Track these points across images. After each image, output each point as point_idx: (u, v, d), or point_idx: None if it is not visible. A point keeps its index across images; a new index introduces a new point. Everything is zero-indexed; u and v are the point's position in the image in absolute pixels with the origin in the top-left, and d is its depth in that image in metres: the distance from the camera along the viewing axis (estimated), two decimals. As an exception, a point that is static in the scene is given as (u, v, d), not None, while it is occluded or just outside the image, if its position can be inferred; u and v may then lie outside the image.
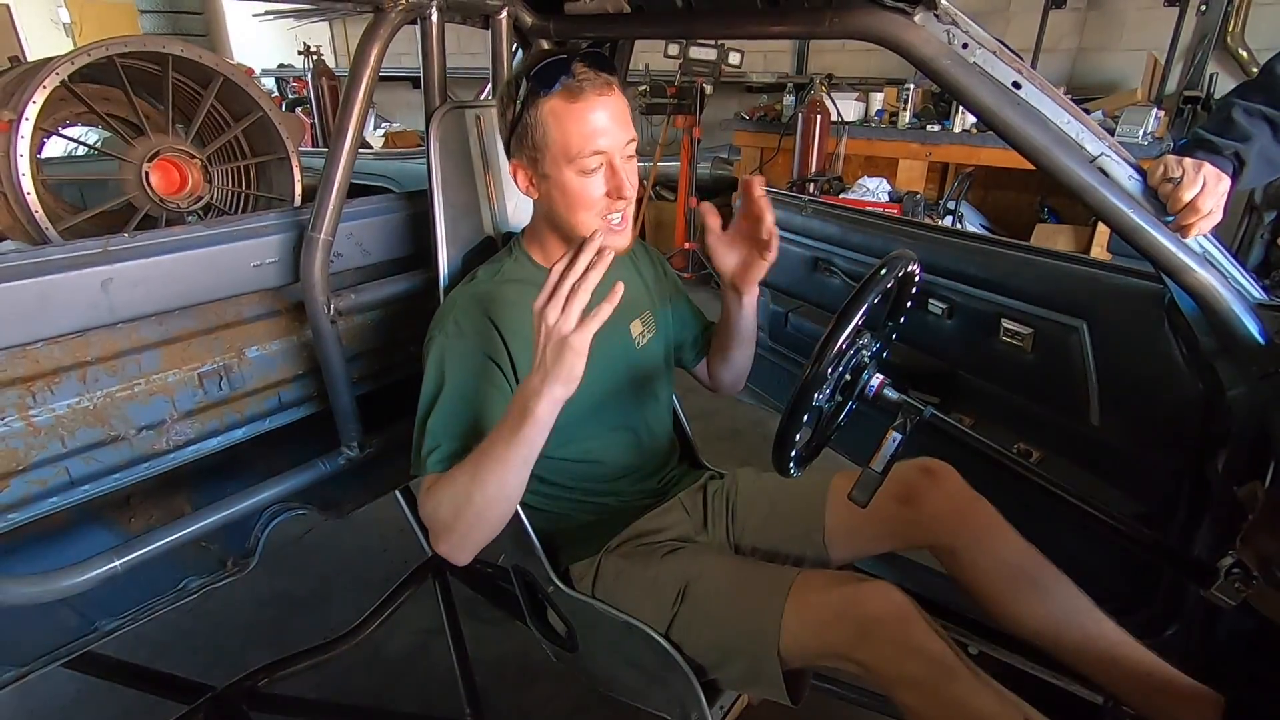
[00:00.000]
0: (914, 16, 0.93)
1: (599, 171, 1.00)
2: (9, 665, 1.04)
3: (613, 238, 1.03)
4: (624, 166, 1.01)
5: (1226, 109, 1.06)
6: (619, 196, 1.02)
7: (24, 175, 1.23)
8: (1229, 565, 0.92)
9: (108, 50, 1.27)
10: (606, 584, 1.14)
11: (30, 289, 0.94)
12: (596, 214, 1.03)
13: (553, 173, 1.01)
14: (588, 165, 0.99)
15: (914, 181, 4.03)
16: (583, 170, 0.99)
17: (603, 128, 0.98)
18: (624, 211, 1.05)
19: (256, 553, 1.28)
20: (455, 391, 1.01)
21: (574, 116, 0.97)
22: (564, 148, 0.98)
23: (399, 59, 6.44)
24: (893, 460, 0.98)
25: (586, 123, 0.97)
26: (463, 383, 1.02)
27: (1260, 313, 1.00)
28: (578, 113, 0.97)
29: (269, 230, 1.18)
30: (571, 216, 1.03)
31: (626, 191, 1.01)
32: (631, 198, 1.04)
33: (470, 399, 1.02)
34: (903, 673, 0.88)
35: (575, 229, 1.04)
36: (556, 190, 1.02)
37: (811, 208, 1.87)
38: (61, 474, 1.04)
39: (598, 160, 0.99)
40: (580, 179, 1.00)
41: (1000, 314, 1.44)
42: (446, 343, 1.03)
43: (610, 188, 1.01)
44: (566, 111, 0.97)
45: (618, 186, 1.01)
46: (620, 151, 1.01)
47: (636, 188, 1.05)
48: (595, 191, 1.01)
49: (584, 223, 1.03)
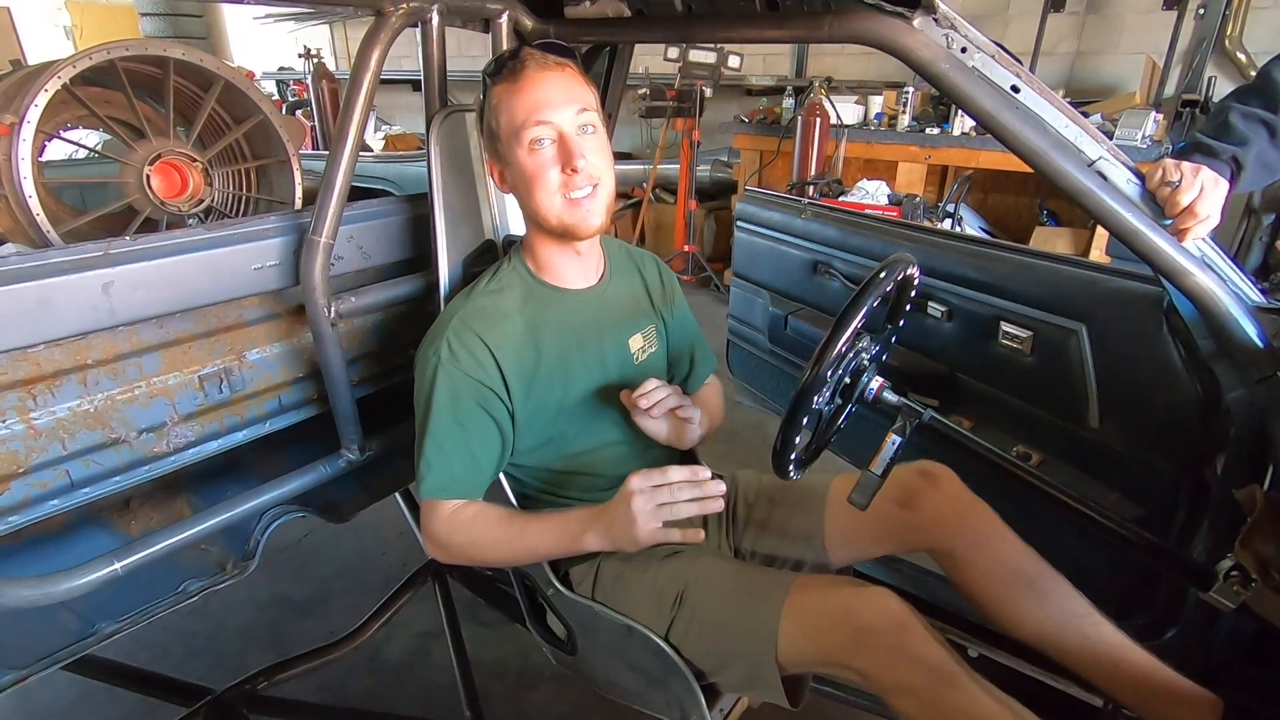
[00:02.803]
0: (912, 20, 0.93)
1: (548, 146, 1.00)
2: (9, 668, 1.04)
3: (579, 214, 1.03)
4: (577, 138, 1.00)
5: (1224, 113, 1.06)
6: (573, 169, 1.00)
7: (25, 178, 1.23)
8: (1228, 568, 0.92)
9: (110, 53, 1.27)
10: (606, 587, 1.14)
11: (31, 292, 0.95)
12: (555, 191, 1.01)
13: (510, 157, 1.02)
14: (533, 138, 0.99)
15: (913, 184, 4.03)
16: (530, 146, 1.00)
17: (544, 100, 0.99)
18: (589, 188, 1.02)
19: (256, 556, 1.28)
20: (448, 417, 1.03)
21: (516, 94, 1.00)
22: (511, 126, 1.00)
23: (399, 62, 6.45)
24: (892, 463, 0.98)
25: (527, 98, 0.99)
26: (455, 408, 1.03)
27: (1259, 316, 1.00)
28: (518, 90, 0.99)
29: (269, 233, 1.18)
30: (533, 199, 1.03)
31: (576, 162, 0.99)
32: (591, 172, 1.01)
33: (463, 424, 1.04)
34: (900, 681, 0.88)
35: (538, 214, 1.04)
36: (516, 175, 1.03)
37: (811, 211, 1.88)
38: (62, 476, 1.04)
39: (544, 132, 0.99)
40: (531, 157, 1.00)
41: (999, 317, 1.45)
42: (439, 366, 1.04)
43: (562, 159, 1.00)
44: (509, 91, 1.00)
45: (569, 155, 0.99)
46: (570, 123, 1.00)
47: (601, 164, 1.03)
48: (547, 168, 1.00)
49: (546, 203, 1.02)
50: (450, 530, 1.06)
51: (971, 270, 1.49)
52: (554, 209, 1.02)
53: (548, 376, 1.09)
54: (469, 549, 1.07)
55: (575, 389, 1.12)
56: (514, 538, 1.05)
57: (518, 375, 1.06)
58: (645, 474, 0.93)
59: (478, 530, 1.06)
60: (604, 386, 1.15)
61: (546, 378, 1.09)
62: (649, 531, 0.92)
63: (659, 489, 0.92)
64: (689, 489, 0.93)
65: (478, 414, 1.04)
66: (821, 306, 1.90)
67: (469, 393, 1.03)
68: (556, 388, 1.10)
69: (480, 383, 1.04)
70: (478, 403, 1.04)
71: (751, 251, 2.09)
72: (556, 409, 1.11)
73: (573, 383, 1.11)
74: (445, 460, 1.04)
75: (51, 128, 1.47)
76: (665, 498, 0.92)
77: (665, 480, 0.92)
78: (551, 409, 1.11)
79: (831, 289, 1.84)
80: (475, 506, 1.07)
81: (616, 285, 1.21)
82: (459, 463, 1.05)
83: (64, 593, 1.03)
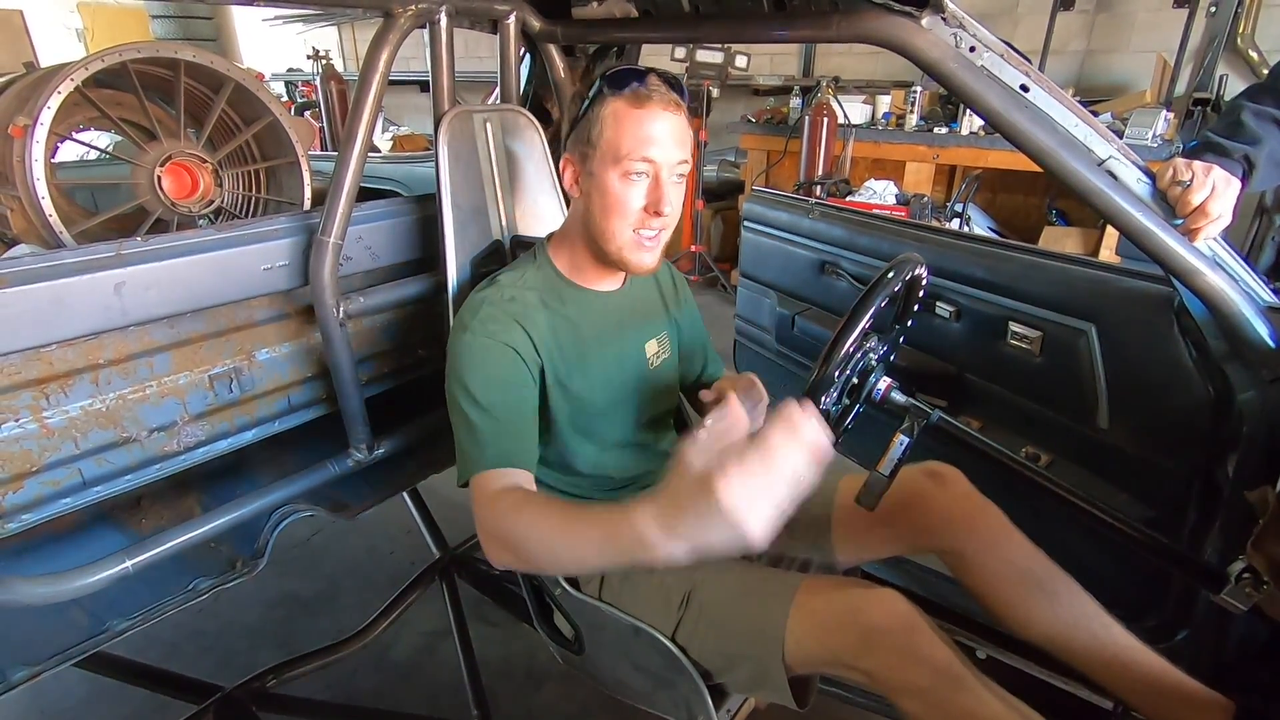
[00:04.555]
0: (921, 20, 0.93)
1: (642, 181, 1.00)
2: (22, 664, 1.05)
3: (641, 254, 1.04)
4: (669, 184, 1.00)
5: (1236, 111, 1.05)
6: (656, 212, 1.00)
7: (39, 179, 1.25)
8: (1239, 570, 0.91)
9: (121, 56, 1.29)
10: (613, 587, 1.14)
11: (44, 292, 0.96)
12: (630, 225, 1.01)
13: (598, 172, 1.00)
14: (633, 170, 0.98)
15: (921, 184, 4.01)
16: (626, 174, 0.99)
17: (657, 138, 0.98)
18: (658, 232, 1.03)
19: (265, 554, 1.29)
20: (491, 388, 0.98)
21: (633, 120, 0.98)
22: (614, 148, 0.98)
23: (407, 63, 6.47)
24: (900, 464, 0.98)
25: (642, 128, 0.98)
26: (500, 376, 1.00)
27: (1271, 316, 0.99)
28: (637, 117, 0.98)
29: (279, 234, 1.19)
30: (605, 222, 1.02)
31: (665, 208, 1.00)
32: (669, 220, 1.02)
33: (509, 394, 1.00)
34: (907, 682, 0.88)
35: (605, 236, 1.03)
36: (597, 191, 1.02)
37: (818, 210, 1.87)
38: (74, 475, 1.06)
39: (644, 168, 0.99)
40: (622, 183, 0.99)
41: (1008, 317, 1.44)
42: (476, 341, 1.00)
43: (650, 200, 1.00)
44: (627, 114, 0.98)
45: (657, 200, 0.99)
46: (669, 169, 1.00)
47: (677, 215, 1.03)
48: (634, 200, 1.00)
49: (616, 231, 1.02)
50: (501, 519, 0.90)
51: (980, 270, 1.48)
52: (621, 240, 1.02)
53: (566, 374, 1.09)
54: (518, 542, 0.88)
55: (591, 389, 1.12)
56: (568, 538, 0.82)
57: (554, 365, 1.06)
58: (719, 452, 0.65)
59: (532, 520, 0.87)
60: (618, 387, 1.15)
61: (565, 375, 1.09)
62: (767, 531, 0.64)
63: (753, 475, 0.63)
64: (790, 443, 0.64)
65: (518, 384, 1.01)
66: (829, 307, 1.90)
67: (508, 363, 1.00)
68: (574, 387, 1.10)
69: (518, 353, 1.01)
70: (518, 374, 1.01)
71: (759, 251, 2.09)
72: (571, 409, 1.11)
73: (589, 381, 1.11)
74: (492, 430, 0.96)
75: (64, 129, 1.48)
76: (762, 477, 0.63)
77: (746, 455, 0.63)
78: (566, 409, 1.11)
79: (839, 289, 1.84)
80: (522, 491, 0.94)
81: (635, 288, 1.21)
82: (510, 435, 0.97)
83: (76, 590, 1.04)
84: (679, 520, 0.67)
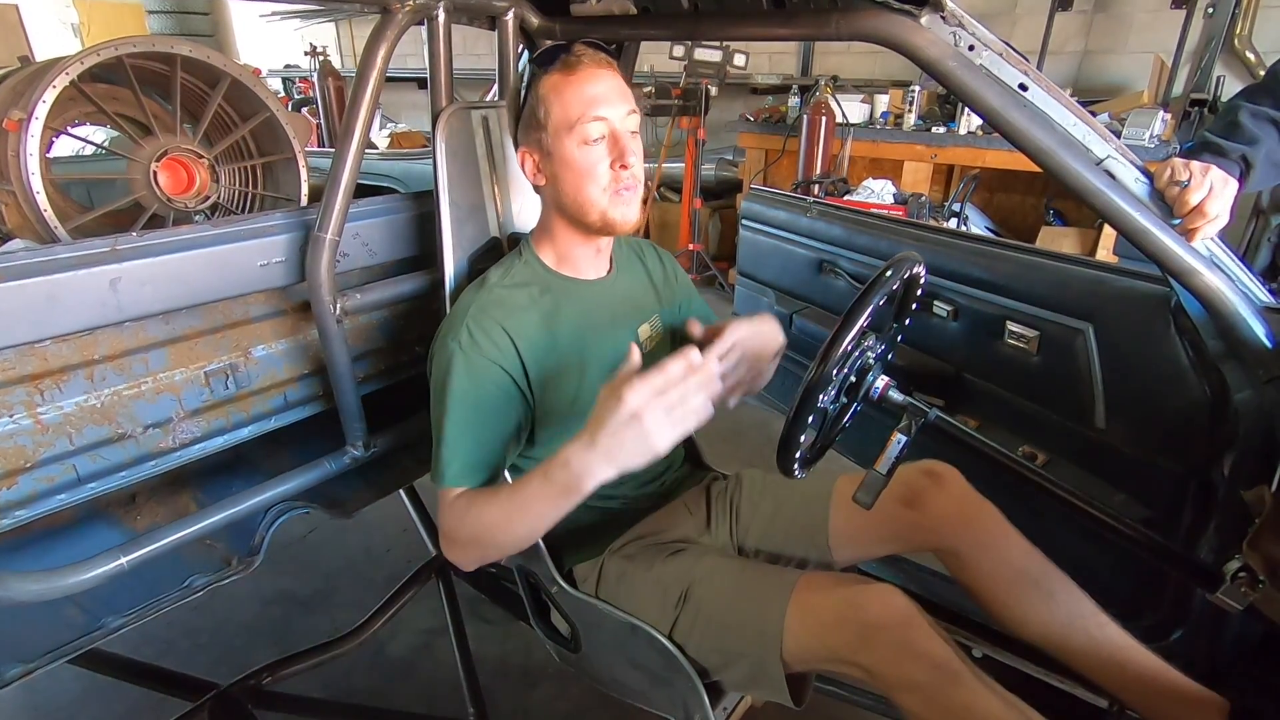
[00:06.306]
0: (920, 18, 0.92)
1: (602, 142, 1.01)
2: (15, 661, 1.04)
3: (622, 208, 1.04)
4: (626, 136, 1.02)
5: (1233, 112, 1.05)
6: (623, 165, 1.01)
7: (33, 174, 1.24)
8: (1235, 569, 0.91)
9: (117, 50, 1.28)
10: (610, 585, 1.14)
11: (39, 287, 0.95)
12: (602, 187, 1.02)
13: (556, 149, 1.02)
14: (589, 133, 1.00)
15: (919, 184, 4.01)
16: (584, 139, 1.00)
17: (601, 95, 1.00)
18: (633, 187, 1.04)
19: (261, 551, 1.28)
20: (469, 402, 1.01)
21: (572, 86, 1.00)
22: (565, 118, 1.00)
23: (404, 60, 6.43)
24: (897, 462, 0.98)
25: (584, 90, 0.99)
26: (477, 393, 1.01)
27: (1267, 316, 0.99)
28: (575, 82, 1.00)
29: (275, 230, 1.18)
30: (579, 193, 1.03)
31: (629, 158, 1.01)
32: (637, 171, 1.03)
33: (484, 410, 1.02)
34: (905, 677, 0.88)
35: (584, 208, 1.04)
36: (561, 167, 1.03)
37: (816, 210, 1.87)
38: (69, 471, 1.05)
39: (599, 128, 1.00)
40: (583, 150, 1.01)
41: (1005, 316, 1.44)
42: (458, 351, 1.01)
43: (614, 156, 1.01)
44: (565, 83, 1.00)
45: (620, 153, 1.01)
46: (621, 121, 1.01)
47: (641, 167, 1.05)
48: (599, 162, 1.01)
49: (592, 198, 1.03)
50: (459, 521, 0.99)
51: (977, 269, 1.48)
52: (601, 203, 1.03)
53: (564, 367, 1.09)
54: (479, 534, 0.98)
55: (590, 379, 1.12)
56: (512, 506, 0.94)
57: (536, 365, 1.06)
58: (640, 384, 0.81)
59: (479, 510, 0.98)
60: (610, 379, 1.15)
61: (563, 368, 1.08)
62: (671, 441, 0.83)
63: (666, 394, 0.81)
64: (695, 379, 0.82)
65: (498, 400, 1.03)
66: (827, 305, 1.90)
67: (490, 378, 1.02)
68: (572, 378, 1.10)
69: (501, 368, 1.02)
70: (498, 388, 1.02)
71: (756, 250, 2.09)
72: (572, 400, 1.11)
73: (588, 373, 1.11)
74: (467, 447, 1.00)
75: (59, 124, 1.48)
76: (675, 399, 0.81)
77: (667, 380, 0.81)
78: (567, 400, 1.10)
79: (837, 288, 1.84)
80: (474, 492, 1.02)
81: (624, 276, 1.21)
82: (480, 450, 1.02)
83: (70, 587, 1.03)
84: (600, 433, 0.83)
